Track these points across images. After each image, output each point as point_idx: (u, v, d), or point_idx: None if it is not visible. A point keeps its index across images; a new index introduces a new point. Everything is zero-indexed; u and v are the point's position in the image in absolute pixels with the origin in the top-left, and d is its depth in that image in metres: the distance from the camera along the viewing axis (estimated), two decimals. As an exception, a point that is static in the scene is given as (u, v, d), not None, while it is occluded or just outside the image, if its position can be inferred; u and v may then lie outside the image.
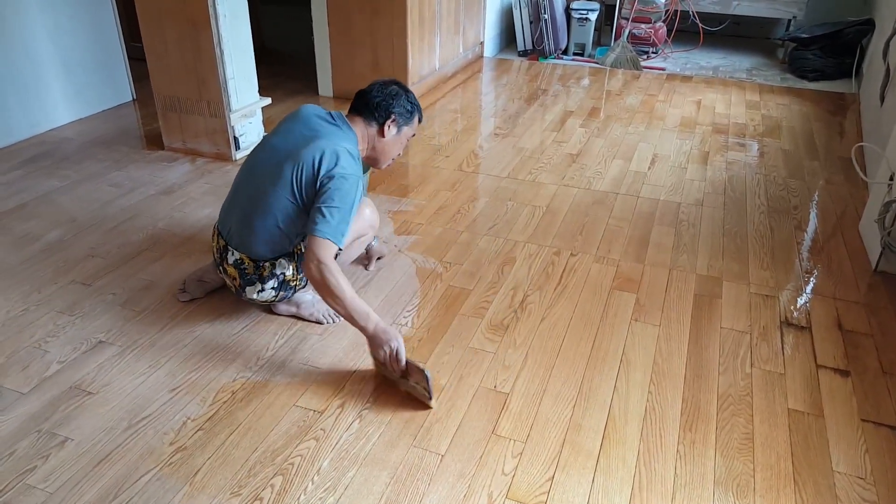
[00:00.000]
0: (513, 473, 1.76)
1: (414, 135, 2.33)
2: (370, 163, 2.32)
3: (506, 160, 3.69)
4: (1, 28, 3.60)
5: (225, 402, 1.97)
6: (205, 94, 3.42)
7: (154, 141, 3.82)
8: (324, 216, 1.96)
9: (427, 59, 4.74)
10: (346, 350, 2.19)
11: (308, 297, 2.34)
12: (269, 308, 2.36)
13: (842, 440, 1.89)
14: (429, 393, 1.95)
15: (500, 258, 2.73)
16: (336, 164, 2.01)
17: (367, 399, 1.99)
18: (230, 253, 2.18)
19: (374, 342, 1.98)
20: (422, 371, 1.94)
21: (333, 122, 2.15)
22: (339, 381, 2.06)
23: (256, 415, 1.93)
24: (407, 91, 2.24)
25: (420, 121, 2.30)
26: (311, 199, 2.04)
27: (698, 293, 2.52)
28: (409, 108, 2.22)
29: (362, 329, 1.98)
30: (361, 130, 2.18)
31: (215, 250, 2.26)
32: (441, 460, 1.79)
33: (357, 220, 2.21)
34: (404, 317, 2.36)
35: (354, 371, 2.10)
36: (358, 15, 4.37)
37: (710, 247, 2.84)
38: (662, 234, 2.94)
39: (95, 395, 1.98)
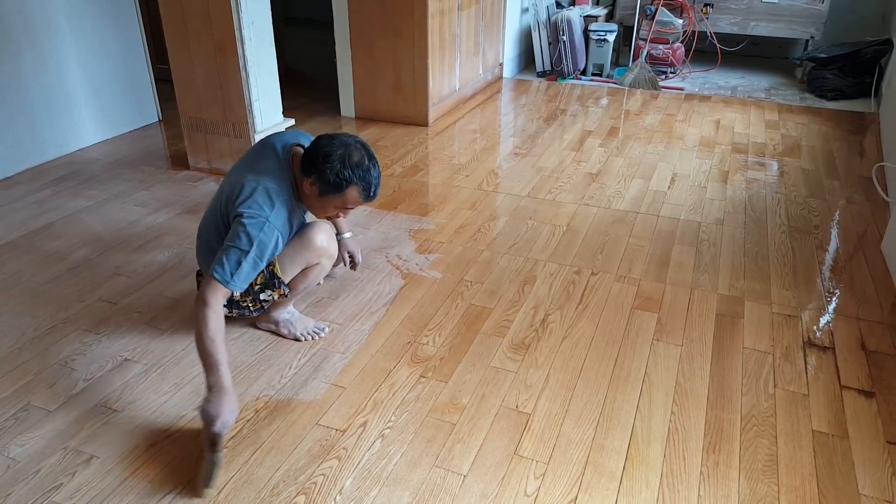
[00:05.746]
0: (535, 495, 1.76)
1: (351, 207, 2.06)
2: (305, 204, 2.15)
3: (525, 179, 3.71)
4: (35, 52, 3.69)
5: (248, 421, 1.99)
6: (230, 116, 3.48)
7: (179, 161, 3.89)
8: (221, 256, 1.91)
9: (447, 80, 4.78)
10: (368, 370, 2.21)
11: (285, 316, 2.36)
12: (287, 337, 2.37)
13: (867, 462, 1.87)
14: (212, 478, 1.74)
15: (520, 277, 2.74)
16: (247, 203, 1.94)
17: (390, 418, 2.00)
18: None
19: (209, 406, 1.77)
20: (216, 448, 1.77)
21: (278, 157, 2.05)
22: (361, 401, 2.07)
23: (279, 433, 1.94)
24: (345, 163, 1.93)
25: (364, 198, 2.01)
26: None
27: (720, 313, 2.52)
28: (331, 179, 1.93)
29: (206, 378, 1.82)
30: (300, 174, 2.04)
31: None
32: (463, 481, 1.79)
33: (305, 251, 2.17)
34: (426, 335, 2.37)
35: (377, 390, 2.11)
36: (380, 37, 4.43)
37: (731, 266, 2.83)
38: (683, 253, 2.94)
39: (121, 413, 2.01)
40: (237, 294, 2.19)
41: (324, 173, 1.94)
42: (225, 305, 2.19)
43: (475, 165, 3.92)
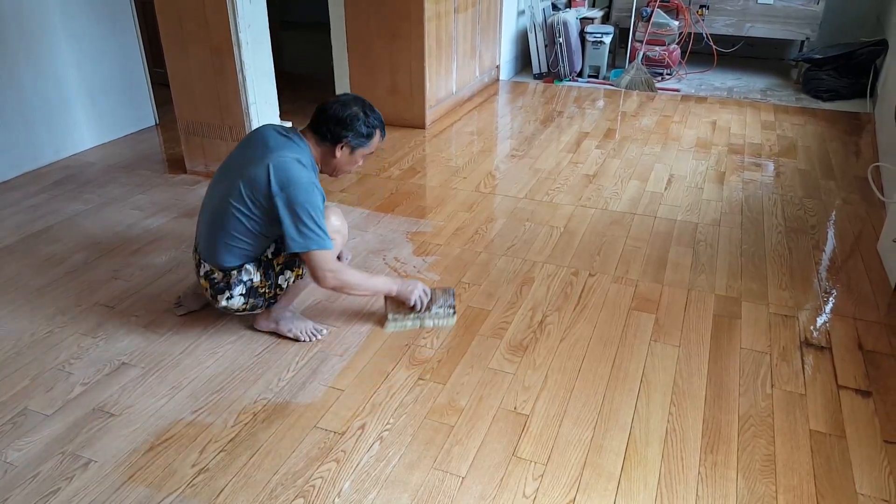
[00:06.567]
0: (534, 496, 1.76)
1: (372, 152, 2.33)
2: (325, 172, 2.33)
3: (523, 181, 3.72)
4: (31, 56, 3.69)
5: (246, 424, 1.98)
6: (227, 119, 3.48)
7: (176, 165, 3.89)
8: (300, 232, 2.07)
9: (444, 83, 4.79)
10: (366, 372, 2.21)
11: (287, 315, 2.37)
12: (287, 336, 2.37)
13: (865, 462, 1.87)
14: (453, 308, 2.43)
15: (518, 278, 2.75)
16: (286, 177, 2.07)
17: (388, 421, 2.00)
18: (202, 266, 2.26)
19: (403, 296, 2.37)
20: (446, 290, 2.49)
21: (286, 135, 2.19)
22: (360, 403, 2.07)
23: (278, 436, 1.94)
24: (366, 112, 2.21)
25: (382, 138, 2.31)
26: (268, 212, 2.11)
27: (717, 313, 2.52)
28: (363, 132, 2.20)
29: (391, 291, 2.36)
30: (314, 145, 2.21)
31: (195, 265, 2.33)
32: (462, 482, 1.79)
33: None
34: (424, 337, 2.37)
35: (375, 392, 2.11)
36: (377, 40, 4.43)
37: (728, 267, 2.84)
38: (680, 254, 2.94)
39: (118, 417, 2.01)
40: (257, 280, 2.22)
41: (358, 130, 2.19)
42: (241, 294, 2.22)
43: (472, 167, 3.92)
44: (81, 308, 2.54)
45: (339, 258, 2.69)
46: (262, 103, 3.51)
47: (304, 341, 2.34)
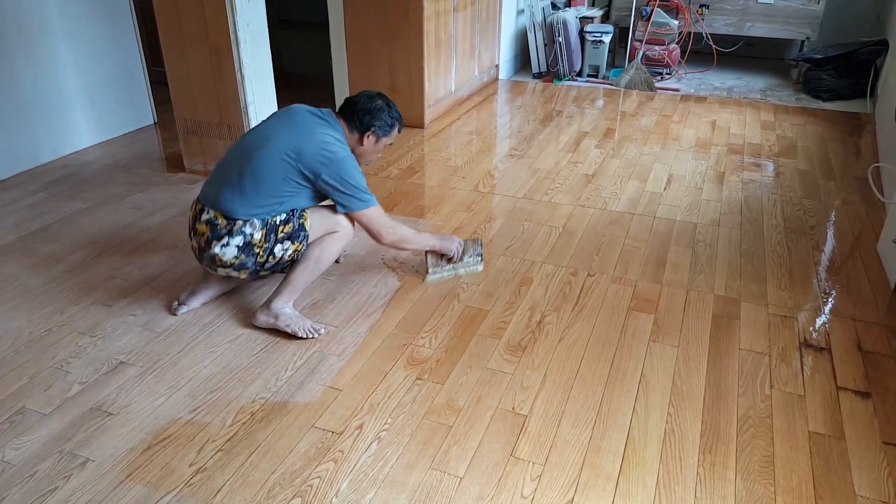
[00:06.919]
0: (532, 496, 1.75)
1: (391, 143, 2.53)
2: None
3: (521, 181, 3.71)
4: (28, 54, 3.69)
5: (244, 423, 1.98)
6: (226, 118, 3.48)
7: (175, 163, 3.88)
8: (355, 196, 2.31)
9: (443, 82, 4.79)
10: (364, 372, 2.20)
11: (287, 311, 2.37)
12: (285, 331, 2.37)
13: (864, 463, 1.87)
14: (481, 256, 2.75)
15: (517, 278, 2.74)
16: (331, 153, 2.26)
17: (386, 421, 2.00)
18: (204, 213, 2.28)
19: (445, 250, 2.67)
20: (476, 240, 2.80)
21: (322, 117, 2.37)
22: (358, 403, 2.07)
23: (275, 436, 1.94)
24: (390, 105, 2.45)
25: (399, 131, 2.52)
26: (312, 183, 2.28)
27: (716, 314, 2.52)
28: (389, 122, 2.44)
29: (435, 246, 2.65)
30: (345, 130, 2.41)
31: (190, 218, 2.36)
32: (460, 483, 1.79)
33: (332, 216, 2.40)
34: (422, 337, 2.37)
35: (373, 392, 2.11)
36: (376, 40, 4.43)
37: (727, 267, 2.84)
38: (679, 254, 2.94)
39: (116, 416, 2.00)
40: (257, 238, 2.25)
41: (384, 119, 2.41)
42: (237, 246, 2.24)
43: (471, 167, 3.92)
44: (79, 307, 2.53)
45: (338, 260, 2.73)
46: (261, 102, 3.50)
47: (302, 338, 2.34)
